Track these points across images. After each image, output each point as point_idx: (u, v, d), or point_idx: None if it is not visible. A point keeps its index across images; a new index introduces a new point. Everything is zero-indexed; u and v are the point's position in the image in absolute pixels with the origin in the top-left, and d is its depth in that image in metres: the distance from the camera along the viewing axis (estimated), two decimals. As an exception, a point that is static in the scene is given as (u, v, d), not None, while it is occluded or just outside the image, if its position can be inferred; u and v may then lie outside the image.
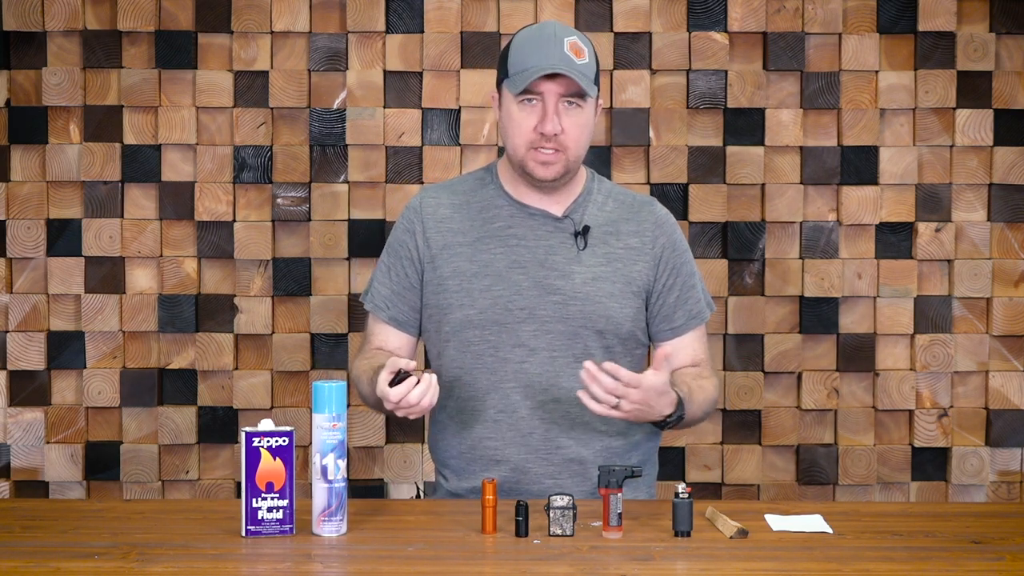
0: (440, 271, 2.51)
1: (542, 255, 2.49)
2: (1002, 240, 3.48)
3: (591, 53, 2.45)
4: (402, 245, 2.56)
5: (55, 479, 3.47)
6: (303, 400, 3.47)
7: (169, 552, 2.04)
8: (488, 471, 2.48)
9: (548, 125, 2.40)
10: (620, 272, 2.50)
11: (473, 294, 2.48)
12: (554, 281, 2.47)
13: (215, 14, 3.46)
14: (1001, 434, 3.48)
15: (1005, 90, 3.47)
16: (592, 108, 2.47)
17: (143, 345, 3.48)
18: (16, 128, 3.47)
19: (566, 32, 2.44)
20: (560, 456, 2.47)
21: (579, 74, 2.40)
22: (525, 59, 2.41)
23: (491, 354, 2.48)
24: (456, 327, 2.49)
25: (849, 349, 3.49)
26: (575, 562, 2.00)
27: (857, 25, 3.47)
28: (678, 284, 2.55)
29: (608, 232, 2.52)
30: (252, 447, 2.11)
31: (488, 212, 2.53)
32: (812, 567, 1.98)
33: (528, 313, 2.47)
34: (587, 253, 2.50)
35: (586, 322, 2.47)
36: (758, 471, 3.48)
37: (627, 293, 2.50)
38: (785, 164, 3.48)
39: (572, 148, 2.44)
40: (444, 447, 2.56)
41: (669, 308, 2.54)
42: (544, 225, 2.51)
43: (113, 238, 3.47)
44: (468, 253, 2.50)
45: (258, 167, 3.47)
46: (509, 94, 2.44)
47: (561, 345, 2.47)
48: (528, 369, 2.47)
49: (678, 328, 2.55)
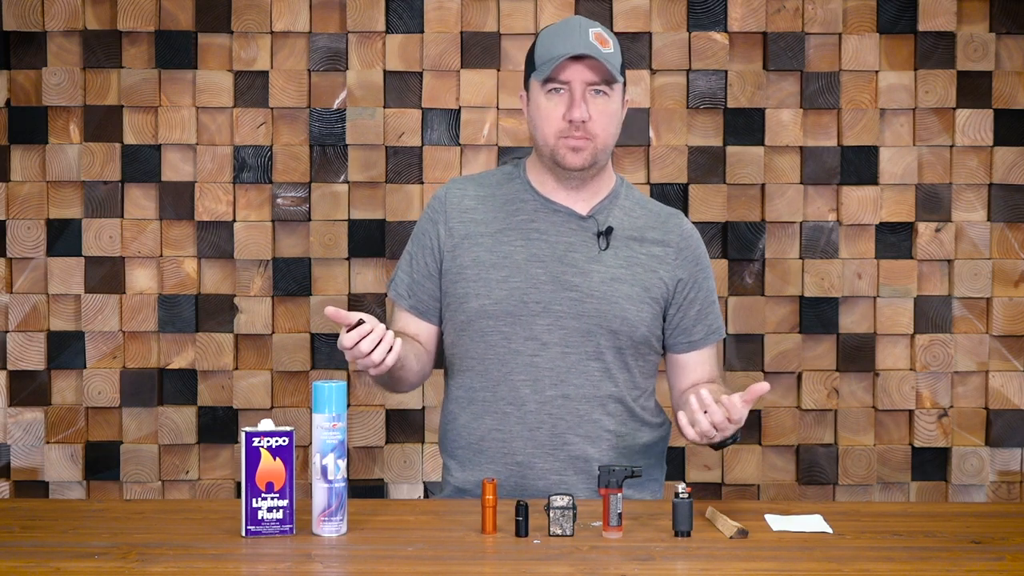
0: (460, 260, 2.52)
1: (562, 251, 2.50)
2: (1002, 240, 3.48)
3: (616, 45, 2.48)
4: (425, 234, 2.57)
5: (55, 479, 3.47)
6: (303, 400, 3.47)
7: (169, 552, 2.04)
8: (494, 463, 2.49)
9: (576, 112, 2.42)
10: (639, 277, 2.50)
11: (490, 284, 2.49)
12: (572, 277, 2.48)
13: (215, 14, 3.46)
14: (1001, 434, 3.48)
15: (1005, 90, 3.47)
16: (619, 97, 2.48)
17: (143, 345, 3.48)
18: (16, 128, 3.47)
19: (591, 24, 2.47)
20: (566, 453, 2.47)
21: (605, 59, 2.42)
22: (551, 48, 2.44)
23: (503, 345, 2.48)
24: (471, 316, 2.49)
25: (849, 349, 3.49)
26: (575, 562, 2.00)
27: (857, 25, 3.47)
28: (700, 299, 2.55)
29: (632, 237, 2.53)
30: (252, 447, 2.11)
31: (513, 205, 2.54)
32: (812, 567, 1.98)
33: (543, 307, 2.47)
34: (608, 254, 2.50)
35: (601, 321, 2.47)
36: (758, 471, 3.48)
37: (645, 299, 2.50)
38: (785, 164, 3.48)
39: (600, 135, 2.45)
40: (453, 436, 2.56)
41: (689, 321, 2.55)
42: (568, 222, 2.52)
43: (113, 238, 3.47)
44: (489, 244, 2.51)
45: (258, 167, 3.47)
46: (537, 86, 2.46)
47: (574, 342, 2.47)
48: (539, 363, 2.47)
49: (696, 342, 2.56)
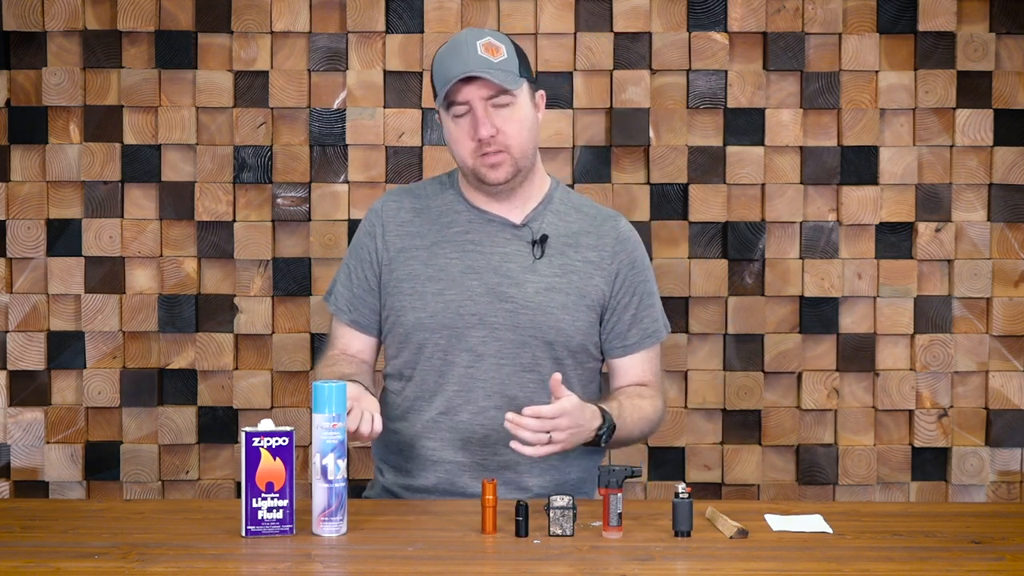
0: (396, 274, 2.52)
1: (497, 262, 2.49)
2: (1002, 240, 3.48)
3: (510, 49, 2.44)
4: (363, 248, 2.57)
5: (55, 479, 3.47)
6: (303, 400, 3.47)
7: (169, 552, 2.04)
8: (425, 471, 2.49)
9: (482, 130, 2.41)
10: (575, 284, 2.50)
11: (426, 297, 2.49)
12: (507, 288, 2.47)
13: (215, 14, 3.46)
14: (1001, 434, 3.48)
15: (1005, 90, 3.47)
16: (526, 102, 2.45)
17: (143, 345, 3.48)
18: (16, 128, 3.47)
19: (479, 35, 2.43)
20: (495, 463, 2.47)
21: (496, 71, 2.39)
22: (444, 72, 2.43)
23: (440, 357, 2.49)
24: (408, 329, 2.50)
25: (849, 349, 3.49)
26: (575, 562, 2.00)
27: (857, 25, 3.47)
28: (634, 303, 2.55)
29: (567, 244, 2.52)
30: (252, 447, 2.11)
31: (447, 217, 2.54)
32: (812, 567, 1.98)
33: (478, 319, 2.47)
34: (543, 263, 2.50)
35: (536, 332, 2.47)
36: (758, 471, 3.48)
37: (580, 306, 2.50)
38: (785, 164, 3.48)
39: (515, 145, 2.44)
40: (385, 443, 2.57)
41: (624, 326, 2.54)
42: (502, 232, 2.52)
43: (113, 238, 3.47)
44: (424, 257, 2.51)
45: (258, 167, 3.47)
46: (443, 112, 2.46)
47: (509, 353, 2.47)
48: (474, 375, 2.47)
49: (631, 346, 2.55)
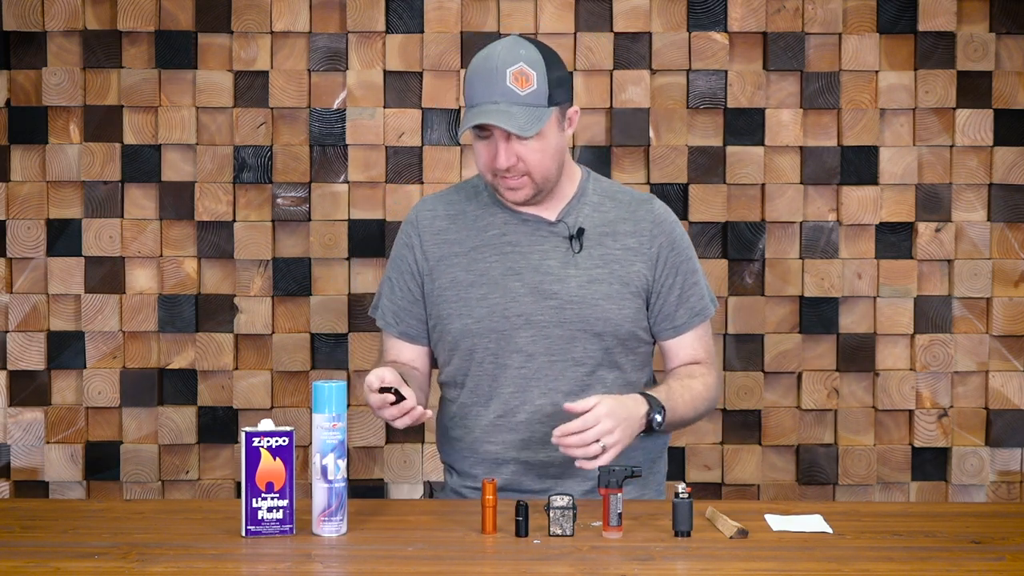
0: (438, 282, 2.53)
1: (537, 260, 2.49)
2: (1002, 240, 3.48)
3: (541, 75, 2.38)
4: (402, 259, 2.58)
5: (55, 479, 3.47)
6: (303, 400, 3.47)
7: (169, 552, 2.04)
8: (490, 473, 2.50)
9: (500, 161, 2.40)
10: (617, 273, 2.50)
11: (470, 303, 2.49)
12: (550, 286, 2.48)
13: (215, 14, 3.46)
14: (1001, 434, 3.48)
15: (1005, 90, 3.47)
16: (552, 129, 2.42)
17: (143, 345, 3.48)
18: (16, 128, 3.47)
19: (511, 61, 2.38)
20: (560, 459, 2.47)
21: (520, 109, 2.36)
22: (472, 94, 2.40)
23: (491, 361, 2.49)
24: (456, 337, 2.51)
25: (849, 349, 3.49)
26: (575, 562, 2.00)
27: (857, 25, 3.47)
28: (679, 283, 2.54)
29: (604, 233, 2.52)
30: (252, 447, 2.11)
31: (482, 221, 2.54)
32: (812, 567, 1.98)
33: (525, 320, 2.48)
34: (583, 256, 2.50)
35: (583, 325, 2.48)
36: (758, 471, 3.48)
37: (625, 294, 2.50)
38: (785, 164, 3.48)
39: (536, 172, 2.43)
40: (448, 450, 2.60)
41: (671, 307, 2.54)
42: (538, 230, 2.52)
43: (113, 238, 3.46)
44: (464, 263, 2.52)
45: (258, 167, 3.47)
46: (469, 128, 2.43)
47: (559, 349, 2.48)
48: (527, 375, 2.48)
49: (680, 327, 2.55)
